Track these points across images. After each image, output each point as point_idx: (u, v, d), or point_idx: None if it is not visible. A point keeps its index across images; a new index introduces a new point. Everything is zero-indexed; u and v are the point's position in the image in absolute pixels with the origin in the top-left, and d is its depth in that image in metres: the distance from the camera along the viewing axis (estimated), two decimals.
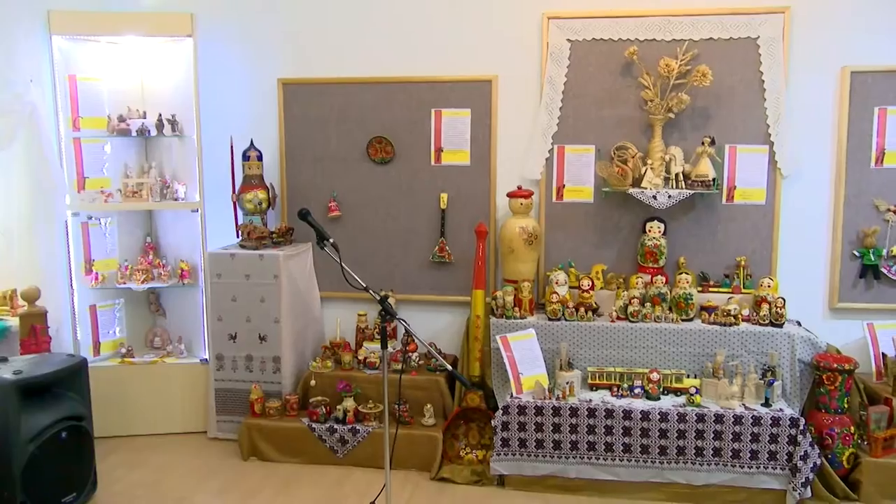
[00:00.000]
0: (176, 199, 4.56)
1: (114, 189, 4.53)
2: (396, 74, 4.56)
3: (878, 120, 4.21)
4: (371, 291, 3.16)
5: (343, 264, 3.12)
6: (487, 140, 4.52)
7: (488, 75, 4.48)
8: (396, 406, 4.05)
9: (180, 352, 4.64)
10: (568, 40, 4.37)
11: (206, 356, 4.53)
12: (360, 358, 4.40)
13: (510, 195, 4.35)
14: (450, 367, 3.31)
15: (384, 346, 3.21)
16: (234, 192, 4.55)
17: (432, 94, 4.54)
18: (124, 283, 4.52)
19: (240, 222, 4.55)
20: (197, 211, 4.50)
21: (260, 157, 4.55)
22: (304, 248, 4.62)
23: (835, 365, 3.81)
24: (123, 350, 4.60)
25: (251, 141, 4.55)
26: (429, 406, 4.13)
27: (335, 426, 4.09)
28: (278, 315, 4.29)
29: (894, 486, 3.66)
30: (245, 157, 4.53)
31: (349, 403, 4.14)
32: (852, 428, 3.76)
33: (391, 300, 4.30)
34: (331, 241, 3.19)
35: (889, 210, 4.23)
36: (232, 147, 4.55)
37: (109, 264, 4.60)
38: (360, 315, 4.59)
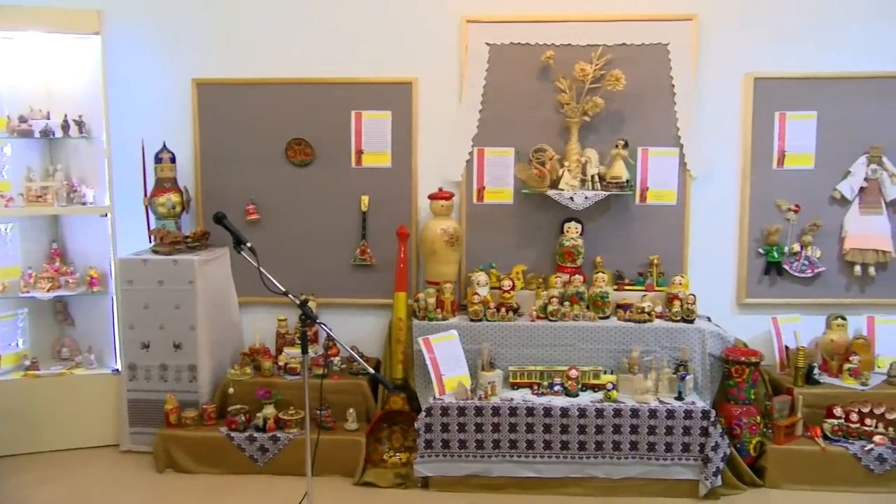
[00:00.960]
0: (84, 204, 4.36)
1: (15, 193, 4.30)
2: (316, 76, 4.50)
3: (778, 124, 4.43)
4: (291, 296, 3.11)
5: (261, 268, 3.06)
6: (408, 142, 4.52)
7: (409, 77, 4.48)
8: (318, 412, 4.00)
9: (90, 362, 4.44)
10: (487, 44, 4.42)
11: (118, 366, 4.36)
12: (281, 364, 4.32)
13: (431, 197, 4.37)
14: (372, 371, 3.29)
15: (305, 352, 3.16)
16: (145, 195, 4.40)
17: (353, 95, 4.51)
18: (28, 292, 4.30)
19: (152, 227, 4.41)
20: (106, 216, 4.33)
21: (173, 160, 4.41)
22: (221, 252, 4.50)
23: (742, 358, 3.99)
24: (27, 362, 4.37)
25: (164, 143, 4.41)
26: (351, 410, 4.10)
27: (255, 434, 4.00)
28: (194, 322, 4.16)
29: (796, 471, 3.85)
30: (157, 160, 4.38)
31: (269, 411, 4.06)
32: (758, 417, 3.94)
33: (312, 304, 4.25)
34: (248, 244, 3.13)
35: (790, 209, 4.46)
36: (143, 149, 4.40)
37: (11, 272, 4.37)
38: (280, 320, 4.51)
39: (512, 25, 4.40)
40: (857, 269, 4.44)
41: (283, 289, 3.10)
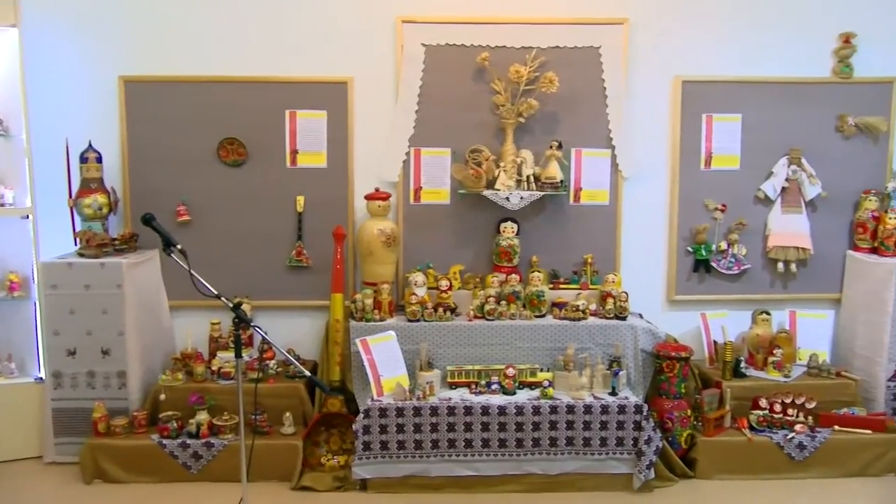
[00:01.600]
0: (3, 205, 4.17)
1: None
2: (249, 74, 4.42)
3: (705, 126, 4.58)
4: (223, 299, 3.04)
5: (192, 271, 2.99)
6: (344, 142, 4.49)
7: (344, 77, 4.45)
8: (253, 416, 3.93)
9: (10, 371, 4.25)
10: (422, 44, 4.43)
11: (42, 374, 4.18)
12: (214, 368, 4.23)
13: (368, 197, 4.35)
14: (308, 374, 3.25)
15: (238, 356, 3.10)
16: (70, 196, 4.23)
17: (287, 94, 4.45)
18: None
19: (78, 229, 4.24)
20: (28, 217, 4.15)
21: (99, 160, 4.26)
22: (151, 255, 4.37)
23: (673, 353, 4.10)
24: None
25: (89, 142, 4.25)
26: (288, 414, 4.04)
27: (188, 441, 3.90)
28: (123, 327, 4.03)
29: (725, 462, 3.99)
30: (83, 160, 4.23)
31: (203, 416, 3.96)
32: (689, 411, 4.06)
33: (246, 307, 4.17)
34: (178, 246, 3.05)
35: (717, 209, 4.61)
36: (68, 148, 4.23)
37: None
38: (213, 324, 4.41)
39: (447, 26, 4.41)
40: (780, 265, 4.63)
41: (215, 292, 3.03)
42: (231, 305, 3.03)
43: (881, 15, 4.54)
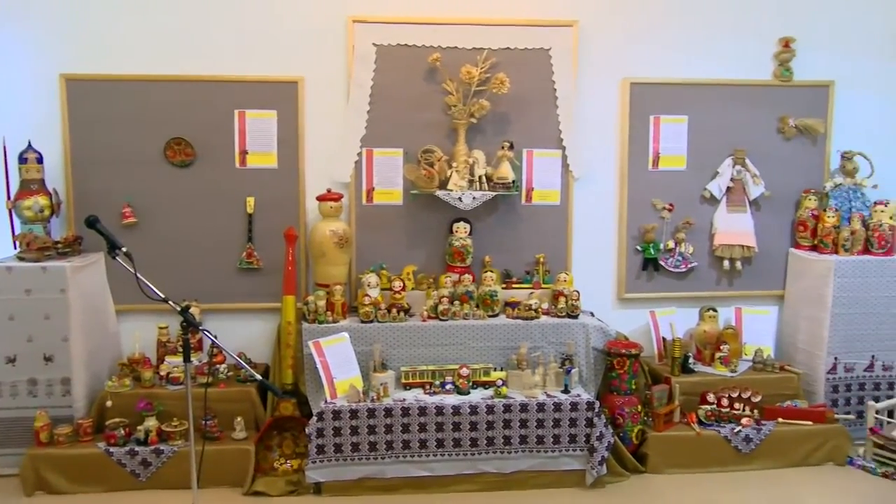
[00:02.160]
0: None
1: None
2: (196, 73, 4.34)
3: (653, 127, 4.67)
4: (171, 302, 2.99)
5: (138, 274, 2.92)
6: (295, 142, 4.44)
7: (294, 76, 4.40)
8: (203, 421, 3.86)
9: None
10: (374, 44, 4.41)
11: None
12: (163, 374, 4.14)
13: (320, 198, 4.31)
14: (259, 377, 3.21)
15: (187, 360, 3.04)
16: (9, 198, 4.09)
17: (236, 94, 4.38)
18: None
19: (17, 232, 4.10)
20: None
21: (40, 160, 4.13)
22: (96, 258, 4.26)
23: (623, 350, 4.17)
24: None
25: (29, 142, 4.12)
26: (239, 419, 3.98)
27: (136, 448, 3.81)
28: (67, 333, 3.92)
29: (675, 456, 4.07)
30: (22, 160, 4.09)
31: (151, 423, 3.87)
32: (639, 406, 4.14)
33: (195, 310, 4.09)
34: (123, 249, 2.98)
35: (665, 208, 4.70)
36: (5, 148, 4.10)
37: None
38: (160, 328, 4.31)
39: (399, 27, 4.41)
40: (726, 263, 4.75)
41: (162, 295, 2.97)
42: (179, 309, 2.97)
43: (819, 21, 4.70)
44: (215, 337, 3.17)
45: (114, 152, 4.33)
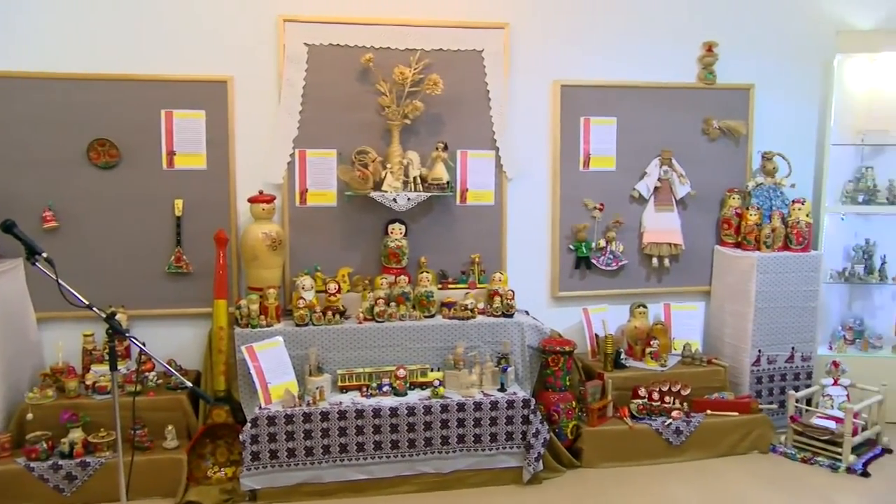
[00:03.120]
0: None
1: None
2: (121, 72, 4.20)
3: (583, 128, 4.76)
4: (95, 309, 2.88)
5: (60, 280, 2.81)
6: (225, 143, 4.35)
7: (223, 76, 4.31)
8: (132, 431, 3.73)
9: None
10: (305, 44, 4.35)
11: None
12: (88, 383, 3.98)
13: (251, 200, 4.23)
14: (190, 384, 3.13)
15: (114, 368, 2.94)
16: None
17: (162, 93, 4.26)
18: None
19: None
20: None
21: None
22: (14, 264, 4.06)
23: (558, 348, 4.24)
24: None
25: None
26: (170, 427, 3.87)
27: (60, 462, 3.66)
28: None
29: (609, 450, 4.16)
30: None
31: (77, 435, 3.72)
32: (574, 403, 4.21)
33: (121, 317, 3.96)
34: (43, 255, 2.86)
35: (596, 208, 4.80)
36: None
37: None
38: (85, 336, 4.15)
39: (330, 26, 4.36)
40: (655, 261, 4.88)
41: (86, 301, 2.86)
42: (104, 316, 2.87)
43: (739, 26, 4.88)
44: (143, 344, 3.07)
45: (33, 154, 4.15)
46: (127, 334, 3.00)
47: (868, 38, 4.91)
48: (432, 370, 4.15)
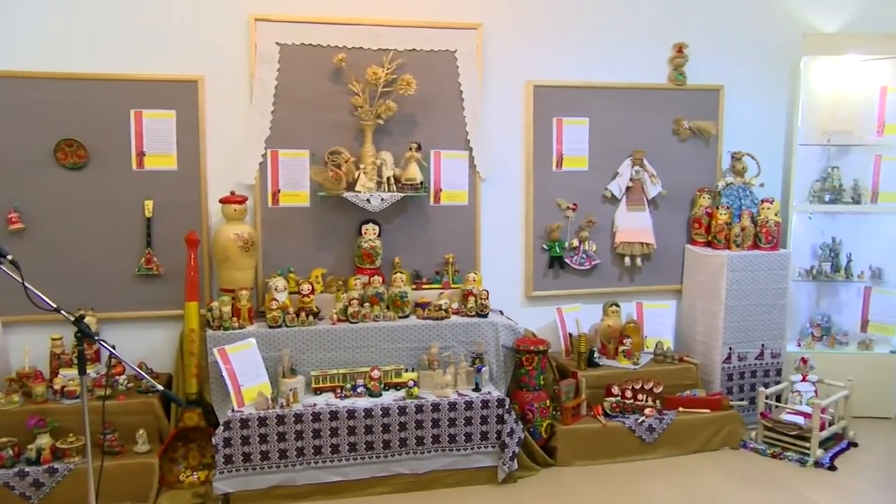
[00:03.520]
0: None
1: None
2: (89, 71, 4.13)
3: (556, 129, 4.79)
4: (63, 312, 2.82)
5: (26, 283, 2.75)
6: (196, 143, 4.30)
7: (194, 75, 4.26)
8: (102, 436, 3.67)
9: None
10: (277, 44, 4.32)
11: None
12: (57, 388, 3.91)
13: (223, 201, 4.19)
14: (161, 388, 3.08)
15: (83, 372, 2.88)
16: None
17: (131, 93, 4.20)
18: None
19: None
20: None
21: None
22: None
23: (532, 347, 4.25)
24: None
25: None
26: (142, 431, 3.82)
27: (27, 469, 3.58)
28: None
29: (583, 448, 4.19)
30: None
31: (44, 440, 3.65)
32: (548, 401, 4.23)
33: (90, 320, 3.90)
34: (9, 257, 2.79)
35: (569, 208, 4.83)
36: None
37: None
38: (53, 339, 4.07)
39: (302, 26, 4.34)
40: (627, 260, 4.92)
41: (53, 305, 2.80)
42: (72, 319, 2.81)
43: (709, 28, 4.95)
44: (113, 347, 3.02)
45: None
46: (96, 337, 2.95)
47: (833, 41, 5.00)
48: (407, 371, 4.14)
